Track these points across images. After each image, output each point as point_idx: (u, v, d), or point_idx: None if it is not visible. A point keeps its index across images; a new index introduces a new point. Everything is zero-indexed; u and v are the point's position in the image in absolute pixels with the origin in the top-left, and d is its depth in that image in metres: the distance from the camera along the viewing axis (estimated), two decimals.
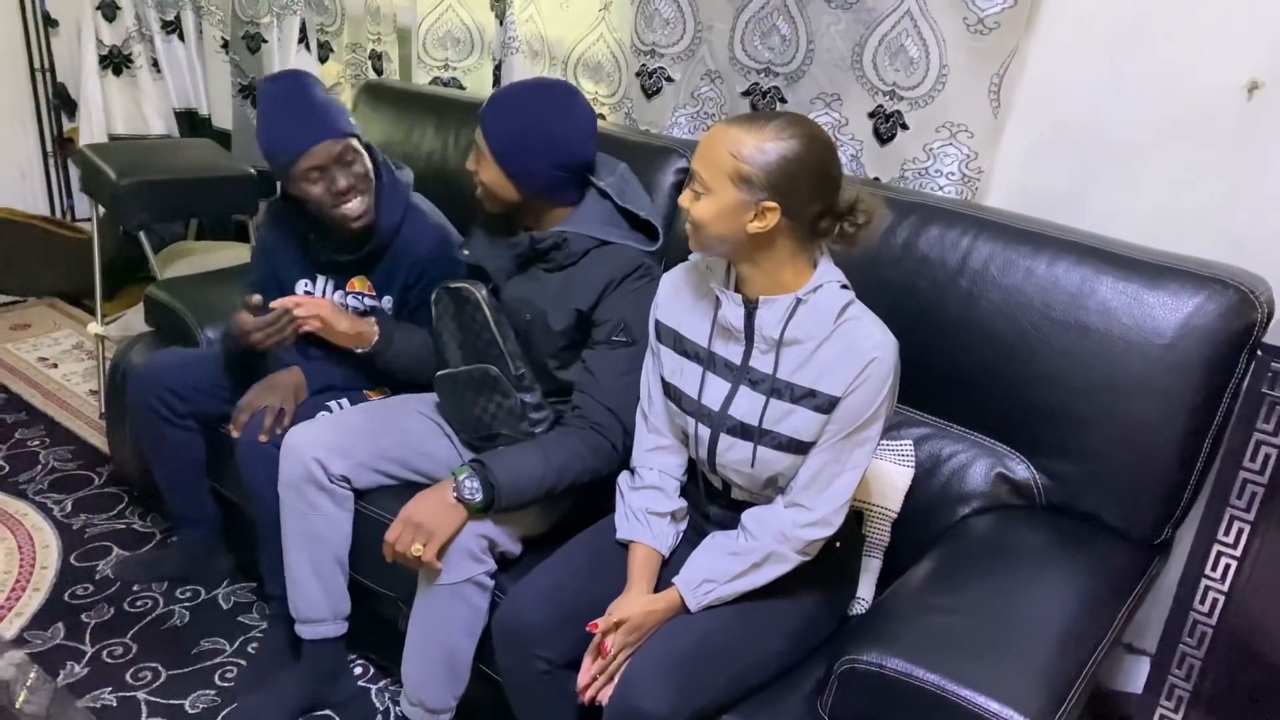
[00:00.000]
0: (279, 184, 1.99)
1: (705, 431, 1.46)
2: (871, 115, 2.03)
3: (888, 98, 1.99)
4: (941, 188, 1.95)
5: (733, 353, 1.43)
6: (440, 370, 1.84)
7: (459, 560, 1.55)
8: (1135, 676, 1.90)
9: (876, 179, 2.04)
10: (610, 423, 1.64)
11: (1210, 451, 1.53)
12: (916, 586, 1.49)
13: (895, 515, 1.70)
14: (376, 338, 1.89)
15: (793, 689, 1.44)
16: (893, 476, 1.70)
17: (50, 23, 3.74)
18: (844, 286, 1.38)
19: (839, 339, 1.34)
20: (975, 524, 1.64)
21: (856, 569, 1.64)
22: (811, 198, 1.31)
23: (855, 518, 1.67)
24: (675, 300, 1.51)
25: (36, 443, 2.71)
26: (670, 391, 1.51)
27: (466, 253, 1.86)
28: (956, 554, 1.57)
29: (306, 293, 2.04)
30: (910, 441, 1.73)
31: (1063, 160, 1.86)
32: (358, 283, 2.01)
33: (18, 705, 1.24)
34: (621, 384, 1.63)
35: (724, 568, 1.41)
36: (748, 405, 1.41)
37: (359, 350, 1.90)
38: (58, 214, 3.91)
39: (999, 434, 1.68)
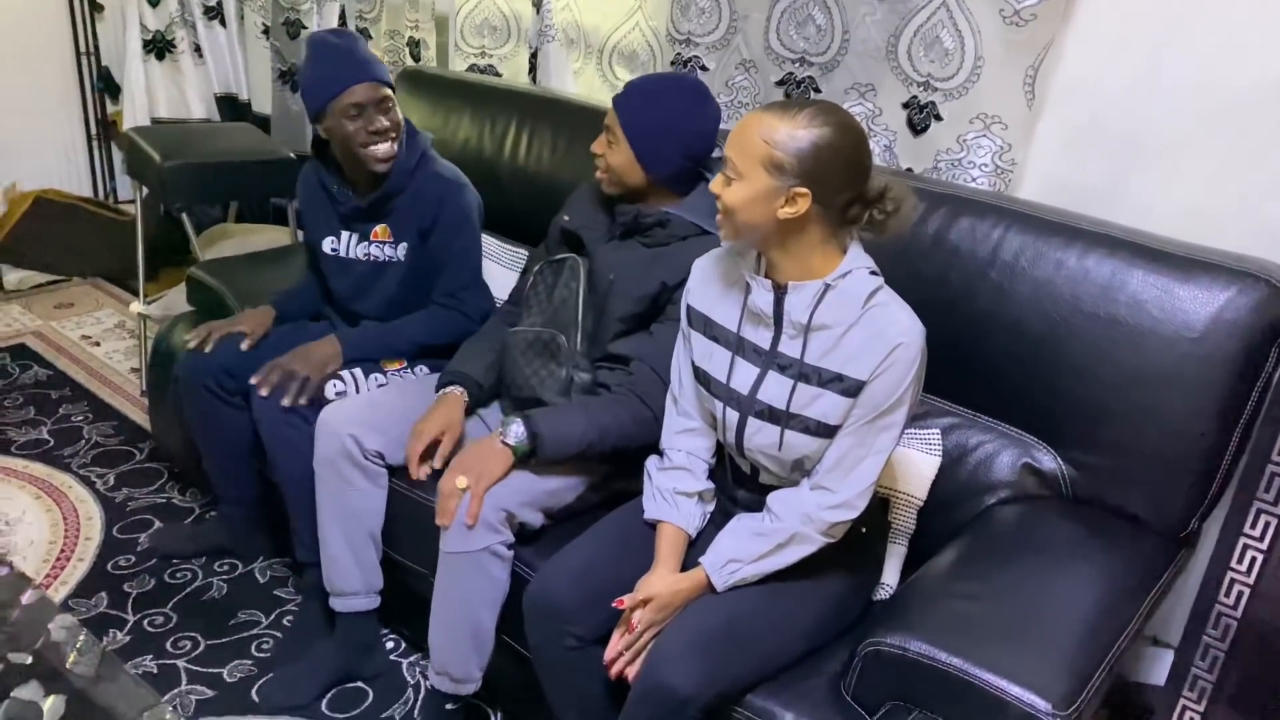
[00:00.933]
0: (312, 135, 2.09)
1: (734, 415, 1.48)
2: (905, 106, 2.04)
3: (922, 89, 1.99)
4: (974, 179, 1.96)
5: (762, 338, 1.45)
6: (513, 328, 1.88)
7: (477, 530, 1.59)
8: (1158, 669, 1.90)
9: (910, 170, 2.05)
10: (657, 391, 1.67)
11: (1239, 445, 1.53)
12: (941, 573, 1.51)
13: (921, 503, 1.71)
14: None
15: (817, 671, 1.46)
16: (919, 465, 1.72)
17: (96, 7, 3.81)
18: (873, 273, 1.40)
19: (866, 324, 1.36)
20: (1001, 513, 1.66)
21: (882, 555, 1.66)
22: (842, 185, 1.33)
23: (881, 504, 1.69)
24: (707, 286, 1.53)
25: (80, 418, 2.78)
26: (700, 375, 1.54)
27: (567, 218, 1.91)
28: (981, 542, 1.59)
29: (332, 249, 2.12)
30: (938, 430, 1.74)
31: (1098, 153, 1.86)
32: (380, 231, 2.09)
33: (68, 666, 1.29)
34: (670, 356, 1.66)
35: (749, 548, 1.43)
36: (776, 389, 1.43)
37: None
38: (101, 195, 3.99)
39: (1026, 425, 1.69)
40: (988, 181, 1.95)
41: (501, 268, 2.30)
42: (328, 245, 2.12)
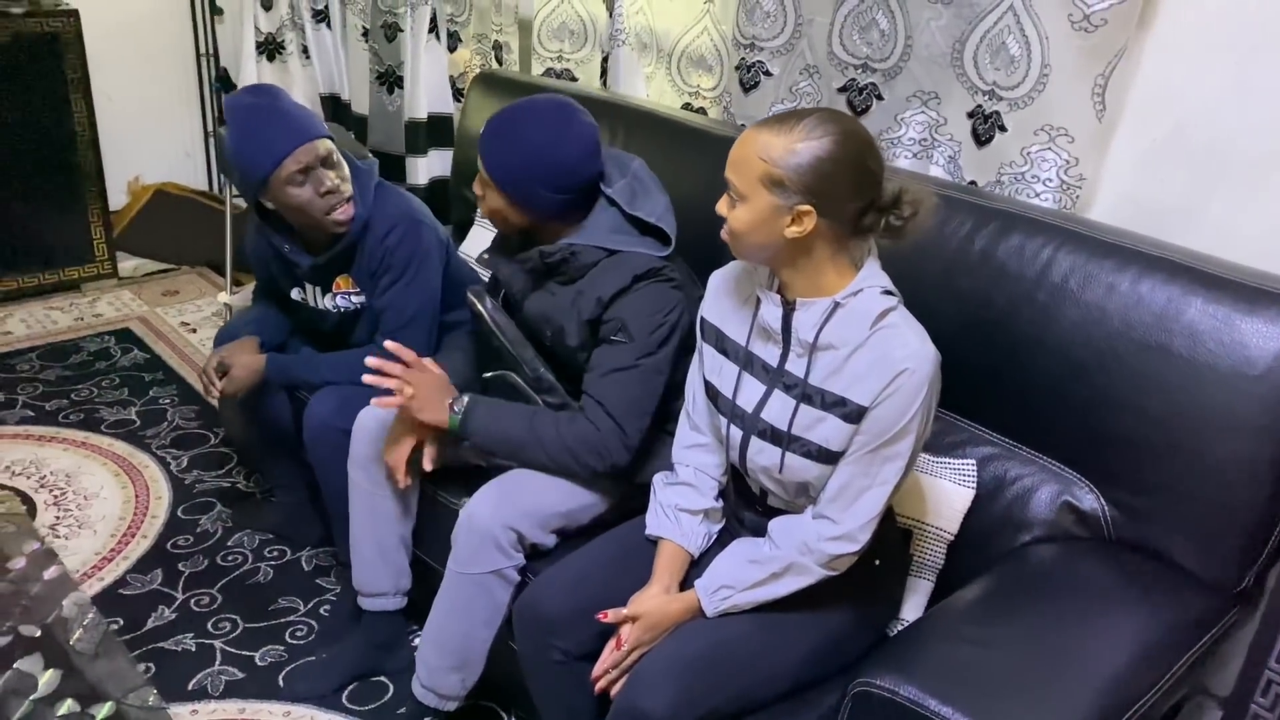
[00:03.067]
0: (255, 203, 1.97)
1: (737, 434, 1.43)
2: (970, 115, 1.93)
3: (987, 97, 1.88)
4: (1038, 194, 1.83)
5: (770, 354, 1.39)
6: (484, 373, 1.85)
7: (485, 551, 1.58)
8: None
9: (973, 182, 1.94)
10: (599, 416, 1.61)
11: None
12: (954, 613, 1.42)
13: (951, 537, 1.62)
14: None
15: (810, 706, 1.40)
16: (950, 497, 1.62)
17: (217, 10, 4.01)
18: (886, 292, 1.32)
19: (873, 347, 1.29)
20: (1034, 553, 1.55)
21: (898, 589, 1.58)
22: (850, 195, 1.26)
23: (903, 537, 1.60)
24: (721, 299, 1.48)
25: (167, 401, 2.92)
26: (709, 390, 1.49)
27: (486, 258, 1.85)
28: (1007, 582, 1.48)
29: (300, 299, 2.09)
30: (973, 462, 1.64)
31: (1178, 171, 1.72)
32: (342, 281, 2.02)
33: (71, 642, 1.34)
34: (614, 379, 1.61)
35: (743, 575, 1.38)
36: (779, 409, 1.37)
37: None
38: (215, 189, 4.20)
39: (1068, 459, 1.58)
40: (1052, 198, 1.82)
41: None
42: (295, 294, 2.10)
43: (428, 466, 1.70)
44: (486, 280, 1.90)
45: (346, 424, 1.86)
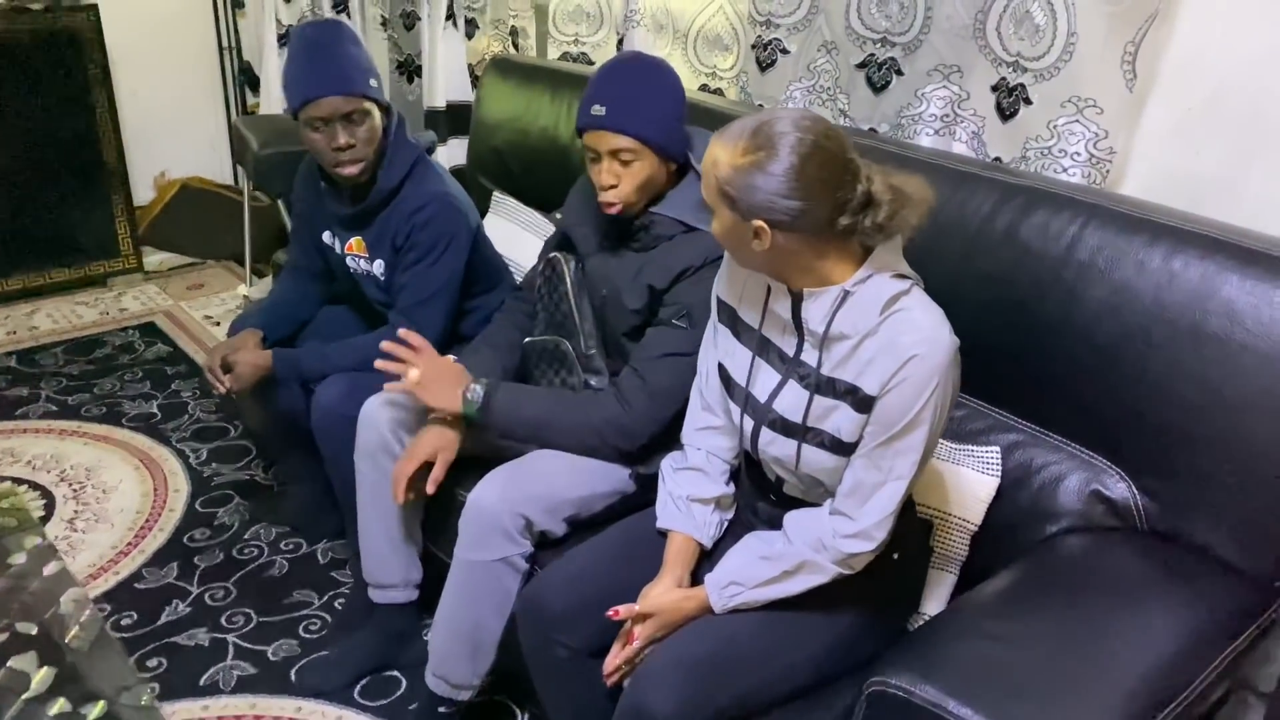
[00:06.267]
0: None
1: (750, 422, 1.37)
2: (994, 89, 1.85)
3: (1011, 69, 1.80)
4: (1065, 170, 1.75)
5: (787, 344, 1.33)
6: (527, 338, 1.84)
7: (492, 537, 1.54)
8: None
9: (998, 159, 1.86)
10: (638, 397, 1.59)
11: None
12: (976, 608, 1.35)
13: (975, 528, 1.55)
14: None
15: (824, 706, 1.34)
16: (974, 485, 1.55)
17: (238, 4, 4.01)
18: (899, 276, 1.25)
19: (884, 332, 1.22)
20: (1062, 544, 1.47)
21: (918, 583, 1.51)
22: (808, 208, 1.17)
23: (923, 528, 1.54)
24: (736, 278, 1.41)
25: (188, 394, 2.92)
26: (723, 374, 1.43)
27: (559, 216, 1.83)
28: (1033, 575, 1.41)
29: (329, 242, 2.08)
30: (997, 449, 1.57)
31: (1215, 141, 1.63)
32: (355, 244, 2.02)
33: (66, 639, 1.32)
34: (667, 364, 1.58)
35: (754, 572, 1.32)
36: (792, 400, 1.31)
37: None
38: (239, 183, 4.21)
39: (1097, 446, 1.50)
40: (1081, 173, 1.74)
41: None
42: (325, 237, 2.11)
43: (430, 489, 1.65)
44: (550, 249, 1.87)
45: (354, 411, 1.84)
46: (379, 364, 1.67)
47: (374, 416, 1.80)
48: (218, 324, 3.39)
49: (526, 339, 1.84)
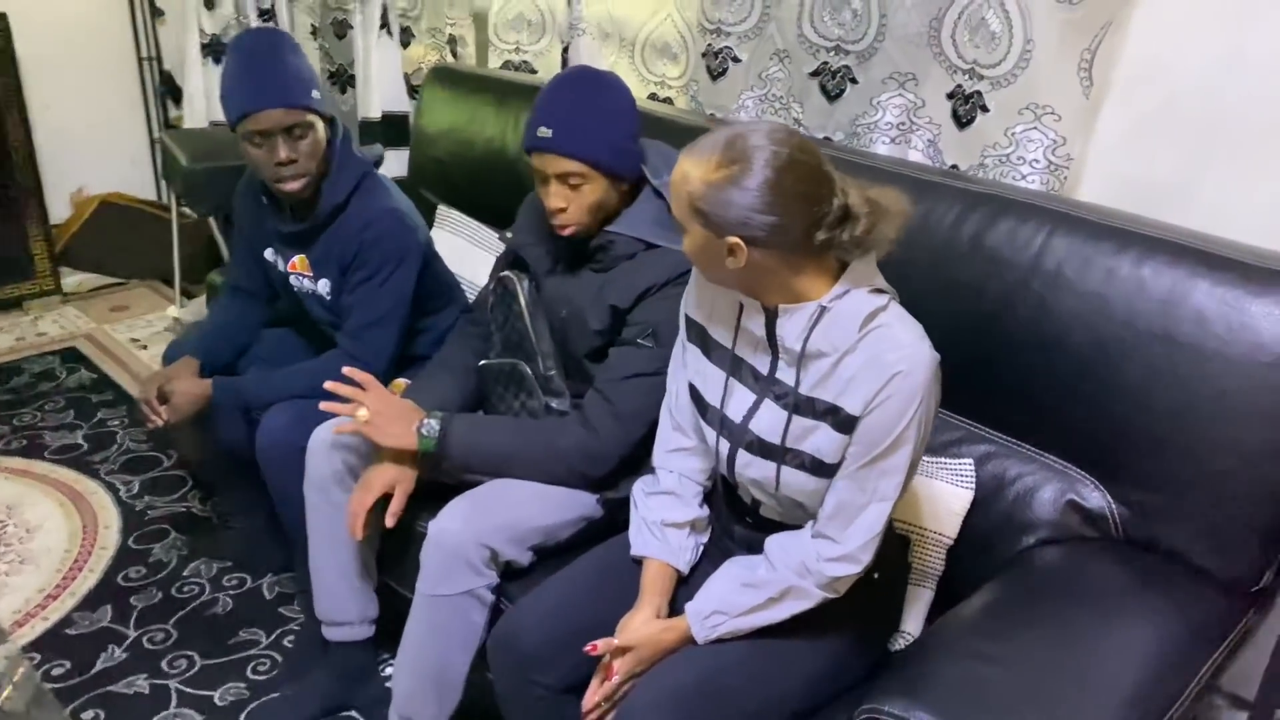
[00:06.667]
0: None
1: (725, 445, 1.33)
2: (950, 96, 1.84)
3: (967, 77, 1.80)
4: (1025, 176, 1.75)
5: (761, 362, 1.29)
6: (482, 361, 1.77)
7: (457, 570, 1.47)
8: None
9: (955, 166, 1.85)
10: (605, 420, 1.53)
11: None
12: (962, 627, 1.33)
13: (950, 542, 1.53)
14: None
15: None
16: (948, 499, 1.53)
17: (157, 12, 3.85)
18: (875, 291, 1.21)
19: (863, 350, 1.18)
20: (1040, 556, 1.46)
21: (899, 601, 1.48)
22: (785, 224, 1.14)
23: (901, 544, 1.51)
24: (705, 294, 1.37)
25: (116, 423, 2.77)
26: (694, 395, 1.39)
27: (509, 235, 1.76)
28: (1013, 591, 1.40)
29: (271, 259, 2.00)
30: (970, 461, 1.55)
31: (1169, 147, 1.64)
32: (298, 262, 1.94)
33: (0, 701, 1.22)
34: (633, 385, 1.52)
35: (738, 600, 1.28)
36: (769, 421, 1.27)
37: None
38: (164, 199, 4.04)
39: (1072, 456, 1.49)
40: (1040, 180, 1.74)
41: None
42: (268, 254, 2.01)
43: (389, 523, 1.58)
44: (500, 268, 1.79)
45: (302, 440, 1.75)
46: (324, 405, 1.59)
47: (324, 445, 1.72)
48: (145, 347, 3.24)
49: (482, 362, 1.77)
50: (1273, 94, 1.51)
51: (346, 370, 1.61)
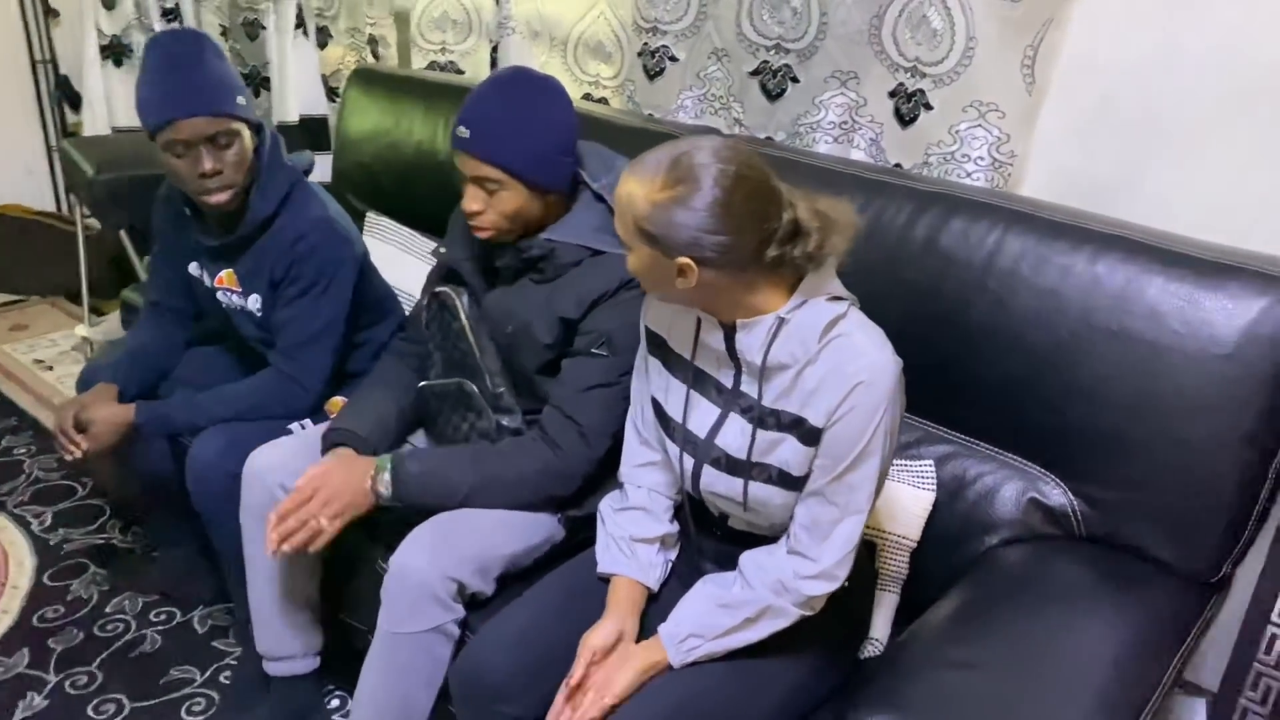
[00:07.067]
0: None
1: (689, 461, 1.29)
2: (892, 95, 1.83)
3: (909, 75, 1.79)
4: (970, 174, 1.75)
5: (725, 375, 1.25)
6: (422, 381, 1.69)
7: (424, 607, 1.40)
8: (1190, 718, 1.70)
9: (898, 165, 1.85)
10: (569, 438, 1.48)
11: (1277, 479, 1.33)
12: (933, 633, 1.31)
13: (914, 544, 1.52)
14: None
15: None
16: (909, 501, 1.52)
17: (51, 13, 3.64)
18: (834, 299, 1.18)
19: (825, 360, 1.16)
20: (1004, 556, 1.46)
21: (868, 608, 1.47)
22: (735, 242, 1.11)
23: (867, 550, 1.49)
24: (663, 305, 1.32)
25: (22, 451, 2.61)
26: (657, 410, 1.34)
27: (442, 251, 1.68)
28: (981, 593, 1.39)
29: (196, 274, 1.88)
30: (930, 462, 1.54)
31: (1109, 142, 1.66)
32: (226, 277, 1.83)
33: None
34: (594, 397, 1.47)
35: (713, 622, 1.23)
36: (735, 435, 1.23)
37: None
38: (63, 210, 3.82)
39: (1032, 454, 1.49)
40: (984, 177, 1.74)
41: None
42: (192, 269, 1.90)
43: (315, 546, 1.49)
44: (434, 284, 1.70)
45: (236, 466, 1.65)
46: (271, 540, 1.46)
47: (260, 470, 1.62)
48: (50, 368, 3.06)
49: (423, 383, 1.69)
50: (1207, 88, 1.53)
51: (276, 514, 1.47)
